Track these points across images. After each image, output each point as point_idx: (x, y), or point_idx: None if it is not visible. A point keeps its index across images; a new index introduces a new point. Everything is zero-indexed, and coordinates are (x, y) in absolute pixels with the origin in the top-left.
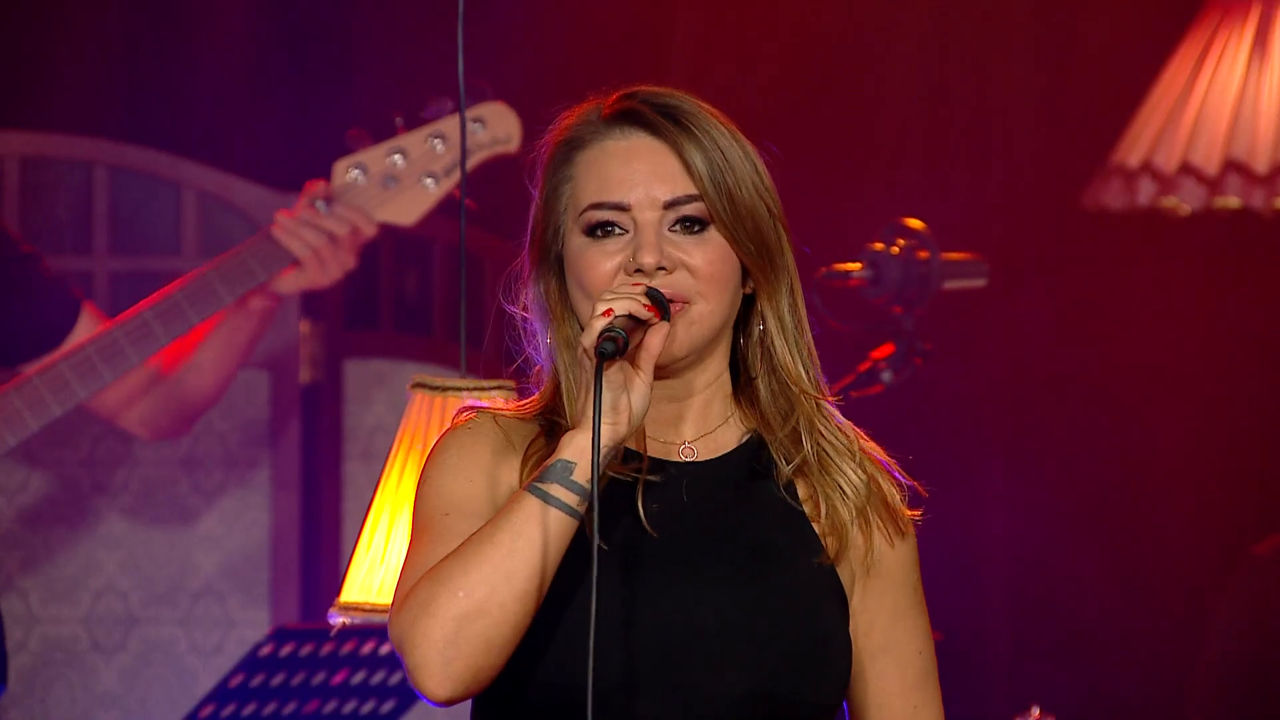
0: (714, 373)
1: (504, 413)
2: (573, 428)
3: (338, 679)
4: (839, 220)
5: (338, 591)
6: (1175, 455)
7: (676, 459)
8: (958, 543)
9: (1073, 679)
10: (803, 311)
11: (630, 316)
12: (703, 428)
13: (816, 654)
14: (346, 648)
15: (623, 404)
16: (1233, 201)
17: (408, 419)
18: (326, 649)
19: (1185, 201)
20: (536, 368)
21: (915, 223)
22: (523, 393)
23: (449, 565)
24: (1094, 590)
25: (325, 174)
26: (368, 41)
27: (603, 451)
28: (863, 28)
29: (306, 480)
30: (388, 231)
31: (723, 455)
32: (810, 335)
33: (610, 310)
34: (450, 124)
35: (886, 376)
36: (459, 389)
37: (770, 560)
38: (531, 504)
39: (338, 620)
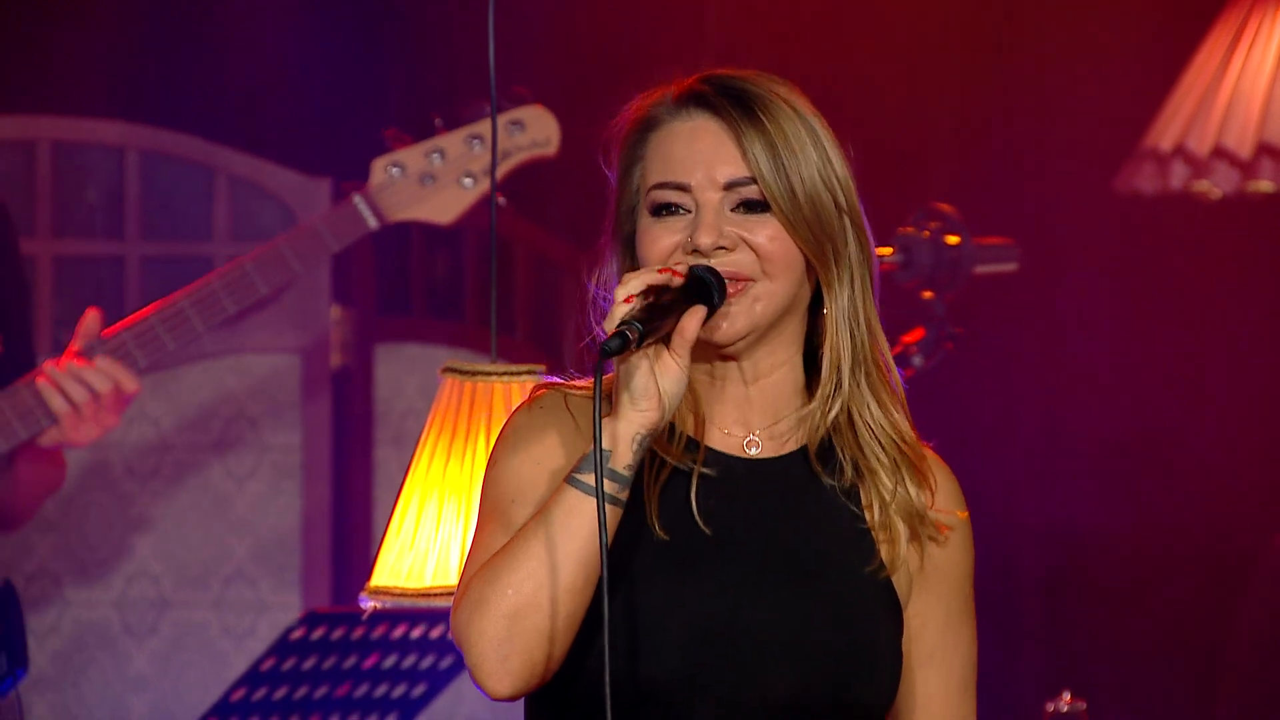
0: (782, 357)
1: (575, 390)
2: (614, 414)
3: (369, 663)
4: (870, 204)
5: (368, 576)
6: (1207, 438)
7: (742, 454)
8: (989, 528)
9: (1104, 662)
10: (864, 309)
11: (655, 301)
12: (773, 416)
13: (864, 662)
14: (378, 632)
15: (652, 389)
16: (1265, 185)
17: (438, 404)
18: (358, 633)
19: (1218, 185)
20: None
21: (946, 206)
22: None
23: (499, 561)
24: (1127, 576)
25: (355, 159)
26: (399, 26)
27: (640, 437)
28: (893, 12)
29: (338, 465)
30: None
31: (789, 454)
32: (871, 335)
33: (631, 297)
34: (488, 125)
35: (917, 361)
36: (489, 374)
37: (824, 566)
38: (572, 495)
39: (368, 604)
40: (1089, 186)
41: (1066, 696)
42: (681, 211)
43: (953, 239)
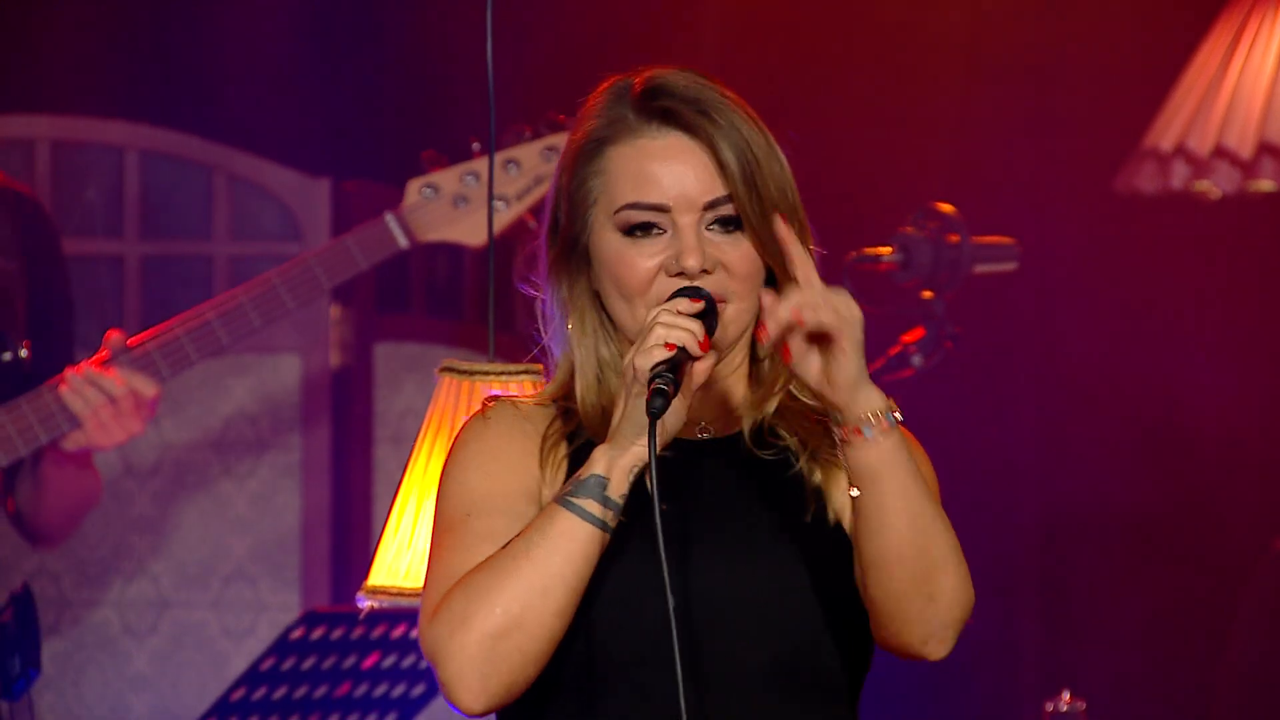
0: (738, 361)
1: (522, 399)
2: (608, 440)
3: (368, 662)
4: (869, 204)
5: (366, 575)
6: (1206, 438)
7: (693, 438)
8: (989, 527)
9: (1103, 662)
10: None
11: (683, 349)
12: (722, 409)
13: (833, 619)
14: (377, 631)
15: (656, 428)
16: (1266, 185)
17: (436, 403)
18: (357, 633)
19: (1219, 185)
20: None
21: (946, 206)
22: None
23: (483, 578)
24: (1126, 575)
25: (355, 159)
26: (399, 25)
27: (636, 469)
28: (894, 8)
29: (337, 464)
30: None
31: (735, 433)
32: None
33: (672, 345)
34: (524, 151)
35: (917, 360)
36: (487, 373)
37: (780, 530)
38: (565, 519)
39: (365, 604)
40: (1089, 185)
41: (1066, 696)
42: (656, 232)
43: (952, 238)
